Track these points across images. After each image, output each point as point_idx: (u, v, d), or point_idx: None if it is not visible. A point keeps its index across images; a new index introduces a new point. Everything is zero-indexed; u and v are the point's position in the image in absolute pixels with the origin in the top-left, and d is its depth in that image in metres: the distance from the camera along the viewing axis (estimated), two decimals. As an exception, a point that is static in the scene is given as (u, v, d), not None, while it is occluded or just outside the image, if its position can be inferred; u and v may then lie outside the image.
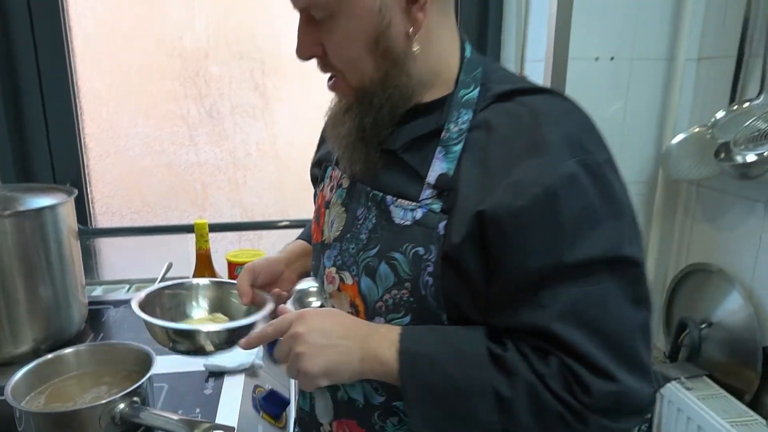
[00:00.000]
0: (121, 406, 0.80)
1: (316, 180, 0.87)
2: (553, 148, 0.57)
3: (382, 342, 0.62)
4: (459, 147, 0.62)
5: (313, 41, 0.65)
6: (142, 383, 0.83)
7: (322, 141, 0.88)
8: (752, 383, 1.27)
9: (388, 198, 0.66)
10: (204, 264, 1.45)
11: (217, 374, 1.04)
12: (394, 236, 0.64)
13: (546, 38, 1.31)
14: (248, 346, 0.70)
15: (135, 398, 0.81)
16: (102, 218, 1.65)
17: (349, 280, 0.68)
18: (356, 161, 0.68)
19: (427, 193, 0.63)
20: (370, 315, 0.66)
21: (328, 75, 0.69)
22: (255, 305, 0.81)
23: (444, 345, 0.61)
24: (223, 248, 1.68)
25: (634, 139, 1.50)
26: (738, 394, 1.29)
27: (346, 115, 0.68)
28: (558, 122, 0.59)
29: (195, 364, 1.07)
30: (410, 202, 0.64)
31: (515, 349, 0.60)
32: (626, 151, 1.52)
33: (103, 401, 0.79)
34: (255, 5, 1.58)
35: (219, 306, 0.89)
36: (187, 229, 1.62)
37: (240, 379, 1.03)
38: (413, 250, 0.62)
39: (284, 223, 1.71)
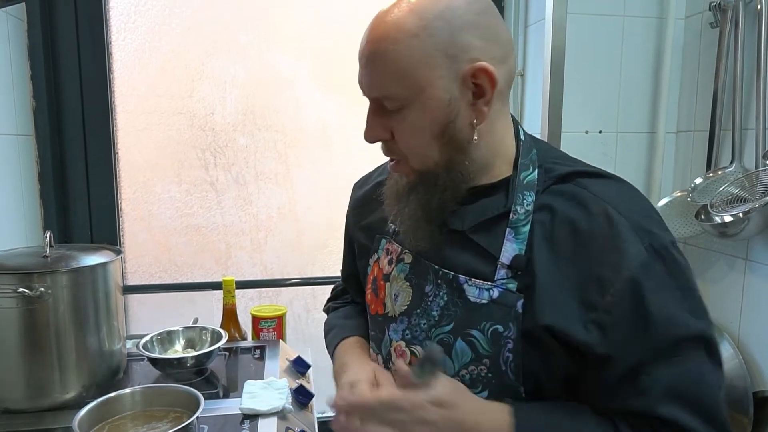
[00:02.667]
0: (176, 440, 0.89)
1: (355, 243, 0.88)
2: (624, 240, 0.61)
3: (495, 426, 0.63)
4: (527, 228, 0.65)
5: (382, 127, 0.68)
6: (193, 420, 0.92)
7: (362, 204, 0.89)
8: (746, 428, 1.35)
9: (461, 277, 0.67)
10: (230, 317, 1.55)
11: (252, 417, 1.13)
12: (470, 314, 0.66)
13: (541, 114, 1.49)
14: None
15: (187, 433, 0.91)
16: (132, 276, 1.77)
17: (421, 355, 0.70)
18: (421, 239, 0.70)
19: (501, 273, 0.65)
20: None
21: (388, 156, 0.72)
22: None
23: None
24: (243, 304, 1.79)
25: (624, 203, 1.65)
26: (734, 439, 1.37)
27: (411, 194, 0.70)
28: (621, 208, 0.63)
29: (231, 408, 1.16)
30: (485, 282, 0.66)
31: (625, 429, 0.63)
32: (617, 213, 1.66)
33: (161, 435, 0.88)
34: (279, 85, 1.78)
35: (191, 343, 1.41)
36: (213, 286, 1.73)
37: (273, 421, 1.12)
38: (492, 328, 0.64)
39: (295, 281, 1.83)
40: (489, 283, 0.66)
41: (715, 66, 1.45)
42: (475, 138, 0.66)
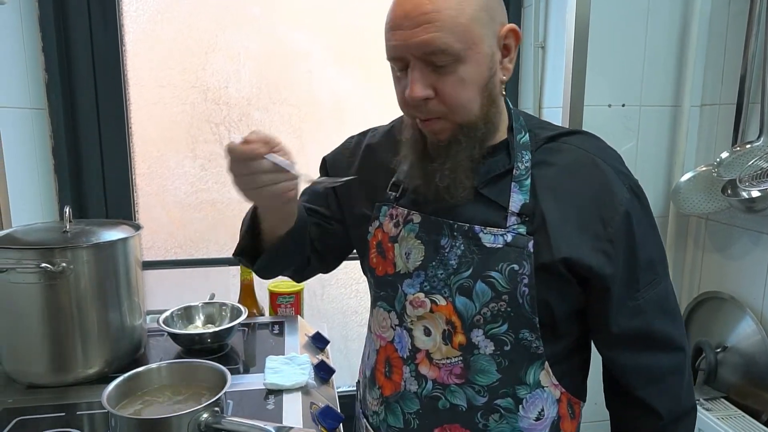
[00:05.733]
0: (205, 415, 0.88)
1: (364, 218, 0.90)
2: (613, 183, 0.75)
3: None
4: (528, 181, 0.76)
5: (427, 85, 0.71)
6: (221, 395, 0.92)
7: (369, 161, 0.92)
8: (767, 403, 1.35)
9: (476, 227, 0.76)
10: (248, 293, 1.55)
11: (276, 392, 1.13)
12: (487, 258, 0.75)
13: (563, 87, 1.45)
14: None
15: (216, 408, 0.90)
16: (147, 252, 1.76)
17: (442, 302, 0.78)
18: (464, 188, 0.76)
19: (512, 220, 0.75)
20: (468, 328, 0.77)
21: (410, 118, 0.78)
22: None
23: None
24: (260, 280, 1.77)
25: (646, 177, 1.62)
26: (755, 415, 1.36)
27: (451, 149, 0.76)
28: (603, 157, 0.77)
29: (253, 383, 1.16)
30: (498, 229, 0.75)
31: None
32: (638, 189, 1.64)
33: (190, 410, 0.87)
34: (294, 58, 1.74)
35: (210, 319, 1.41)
36: (230, 261, 1.72)
37: (297, 396, 1.12)
38: (509, 267, 0.74)
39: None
40: (502, 229, 0.75)
41: (745, 36, 1.40)
42: (504, 92, 0.77)
